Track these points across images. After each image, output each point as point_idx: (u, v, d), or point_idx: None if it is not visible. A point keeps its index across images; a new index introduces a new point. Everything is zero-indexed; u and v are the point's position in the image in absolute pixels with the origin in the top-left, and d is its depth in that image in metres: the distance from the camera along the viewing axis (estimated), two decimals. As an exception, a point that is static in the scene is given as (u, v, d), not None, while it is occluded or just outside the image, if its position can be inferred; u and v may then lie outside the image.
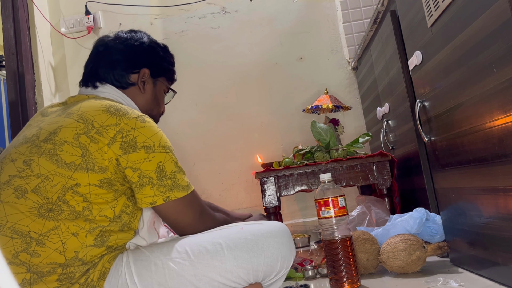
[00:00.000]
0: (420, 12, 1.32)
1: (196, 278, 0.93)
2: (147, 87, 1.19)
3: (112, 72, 1.15)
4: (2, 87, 2.95)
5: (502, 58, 0.92)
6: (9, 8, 2.53)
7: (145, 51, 1.19)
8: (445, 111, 1.24)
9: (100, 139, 0.96)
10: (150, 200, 0.99)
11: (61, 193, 0.92)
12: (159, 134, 1.03)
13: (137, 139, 0.98)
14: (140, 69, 1.17)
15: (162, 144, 1.02)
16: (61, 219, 0.91)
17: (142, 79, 1.17)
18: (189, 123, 2.81)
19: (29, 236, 0.90)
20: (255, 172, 1.98)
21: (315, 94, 2.68)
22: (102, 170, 0.95)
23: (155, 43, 1.23)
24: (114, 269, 0.94)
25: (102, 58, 1.17)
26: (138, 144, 0.98)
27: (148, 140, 1.00)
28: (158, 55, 1.22)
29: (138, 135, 0.99)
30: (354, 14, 2.73)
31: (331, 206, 1.30)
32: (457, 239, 1.32)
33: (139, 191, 0.99)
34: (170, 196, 1.00)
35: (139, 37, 1.20)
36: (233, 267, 0.95)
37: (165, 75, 1.26)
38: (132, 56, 1.17)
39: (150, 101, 1.21)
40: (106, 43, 1.19)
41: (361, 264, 1.40)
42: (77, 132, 0.96)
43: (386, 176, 1.93)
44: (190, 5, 2.86)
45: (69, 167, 0.93)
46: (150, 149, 0.99)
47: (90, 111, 1.00)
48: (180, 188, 1.02)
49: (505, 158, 0.95)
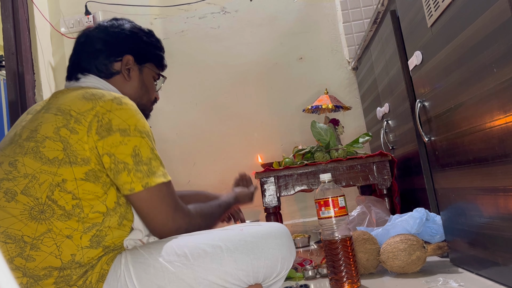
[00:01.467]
0: (420, 12, 1.32)
1: (195, 281, 0.92)
2: (133, 74, 1.15)
3: (94, 62, 1.11)
4: (2, 87, 2.94)
5: (502, 58, 0.92)
6: (9, 8, 2.53)
7: (127, 37, 1.14)
8: (445, 111, 1.24)
9: (79, 128, 0.93)
10: (129, 187, 0.94)
11: (49, 191, 0.90)
12: (136, 117, 0.98)
13: (112, 122, 0.94)
14: (123, 56, 1.13)
15: (139, 128, 0.97)
16: (53, 221, 0.89)
17: (126, 66, 1.13)
18: (189, 123, 2.81)
19: (23, 240, 0.88)
20: (255, 172, 1.98)
21: (315, 94, 2.68)
22: (85, 161, 0.92)
23: (137, 29, 1.18)
24: (112, 271, 0.92)
25: (83, 49, 1.13)
26: (113, 127, 0.94)
27: (123, 122, 0.95)
28: (142, 40, 1.17)
29: (113, 117, 0.94)
30: (354, 14, 2.73)
31: (331, 206, 1.30)
32: (457, 239, 1.32)
33: (116, 178, 0.94)
34: (149, 183, 0.94)
35: (119, 24, 1.16)
36: (233, 270, 0.94)
37: (153, 61, 1.21)
38: (113, 43, 1.13)
39: (138, 88, 1.16)
40: (87, 33, 1.15)
41: (361, 264, 1.40)
42: (56, 126, 0.93)
43: (386, 176, 1.93)
44: (190, 5, 2.86)
45: (52, 163, 0.91)
46: (125, 132, 0.94)
47: (67, 102, 0.97)
48: (157, 175, 0.96)
49: (505, 158, 0.95)
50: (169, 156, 2.74)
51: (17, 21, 2.53)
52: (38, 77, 2.63)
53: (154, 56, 1.21)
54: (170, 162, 2.74)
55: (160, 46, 1.24)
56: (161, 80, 1.26)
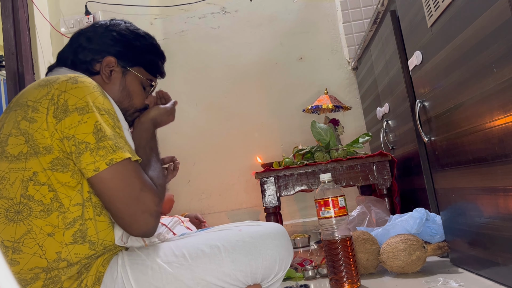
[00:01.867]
0: (420, 12, 1.32)
1: (194, 282, 0.92)
2: (115, 76, 1.08)
3: (73, 56, 1.07)
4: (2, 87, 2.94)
5: (502, 58, 0.92)
6: (9, 8, 2.53)
7: (113, 39, 1.09)
8: (445, 111, 1.24)
9: (38, 116, 0.88)
10: (93, 167, 0.86)
11: (22, 189, 0.87)
12: (94, 94, 0.91)
13: (68, 102, 0.88)
14: (104, 57, 1.07)
15: (97, 105, 0.90)
16: (32, 219, 0.86)
17: (106, 68, 1.07)
18: (189, 123, 2.81)
19: (3, 245, 0.85)
20: (255, 172, 1.98)
21: (315, 94, 2.68)
22: (48, 150, 0.87)
23: (129, 31, 1.12)
24: (109, 273, 0.90)
25: (70, 44, 1.10)
26: (69, 107, 0.88)
27: (80, 101, 0.89)
28: (130, 44, 1.10)
29: (69, 97, 0.89)
30: (354, 14, 2.73)
31: (331, 206, 1.30)
32: (457, 239, 1.32)
33: (78, 161, 0.87)
34: (115, 158, 0.87)
35: (112, 24, 1.12)
36: (231, 271, 0.94)
37: (142, 65, 1.13)
38: (97, 43, 1.08)
39: (118, 92, 1.09)
40: (80, 30, 1.12)
41: (361, 264, 1.40)
42: (16, 120, 0.90)
43: (386, 176, 1.93)
44: (190, 5, 2.86)
45: (19, 159, 0.88)
46: (83, 110, 0.88)
47: (24, 94, 0.94)
48: (124, 150, 0.89)
49: (505, 158, 0.95)
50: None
51: (17, 21, 2.53)
52: (38, 77, 2.62)
53: (145, 60, 1.13)
54: (170, 162, 2.74)
55: (154, 50, 1.16)
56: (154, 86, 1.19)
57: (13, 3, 2.54)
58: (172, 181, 1.11)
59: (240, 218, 2.66)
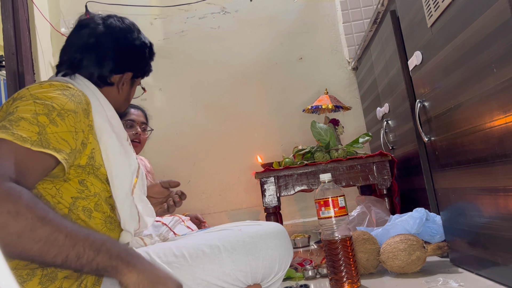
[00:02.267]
0: (420, 12, 1.32)
1: (194, 282, 0.92)
2: (125, 88, 1.13)
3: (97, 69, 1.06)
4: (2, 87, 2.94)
5: (502, 58, 0.92)
6: (9, 8, 2.53)
7: (134, 55, 1.13)
8: (445, 111, 1.24)
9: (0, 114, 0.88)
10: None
11: None
12: (48, 91, 0.88)
13: (20, 93, 0.88)
14: (124, 72, 1.10)
15: (37, 96, 0.86)
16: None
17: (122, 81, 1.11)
18: (189, 123, 2.81)
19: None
20: (255, 172, 1.98)
21: (315, 94, 2.68)
22: None
23: (143, 44, 1.15)
24: None
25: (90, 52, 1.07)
26: (14, 96, 0.87)
27: (27, 92, 0.88)
28: (145, 58, 1.16)
29: (23, 90, 0.88)
30: (354, 14, 2.73)
31: (331, 206, 1.30)
32: (457, 239, 1.32)
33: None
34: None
35: (131, 37, 1.13)
36: (231, 270, 0.94)
37: (144, 75, 1.19)
38: (121, 58, 1.10)
39: (123, 101, 1.14)
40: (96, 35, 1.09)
41: (361, 264, 1.40)
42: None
43: (386, 176, 1.94)
44: (190, 5, 2.86)
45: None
46: (21, 99, 0.86)
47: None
48: (10, 132, 0.78)
49: (505, 158, 0.95)
50: (169, 156, 2.75)
51: (17, 21, 2.53)
52: (38, 77, 2.62)
53: (148, 72, 1.20)
54: (170, 162, 2.74)
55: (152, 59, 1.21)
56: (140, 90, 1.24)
57: (13, 3, 2.54)
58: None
59: (240, 218, 2.66)
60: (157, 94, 2.82)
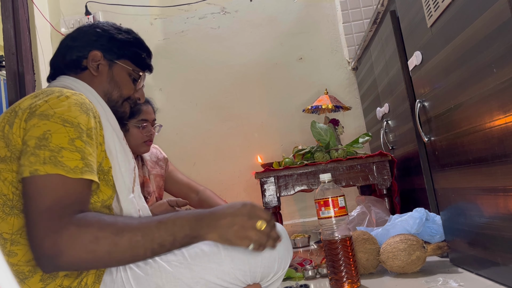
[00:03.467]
0: (420, 12, 1.32)
1: (193, 281, 0.92)
2: (102, 69, 1.13)
3: (64, 59, 1.12)
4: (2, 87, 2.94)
5: (501, 58, 0.92)
6: (9, 8, 2.53)
7: (96, 34, 1.14)
8: (445, 111, 1.24)
9: (16, 121, 0.90)
10: (21, 170, 0.83)
11: (12, 188, 0.88)
12: (70, 108, 0.89)
13: (39, 108, 0.89)
14: (89, 52, 1.12)
15: (64, 117, 0.87)
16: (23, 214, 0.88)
17: (93, 62, 1.12)
18: (189, 123, 2.81)
19: (2, 237, 0.87)
20: (255, 172, 1.98)
21: (315, 94, 2.68)
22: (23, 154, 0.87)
23: (111, 27, 1.18)
24: (108, 272, 0.91)
25: (58, 49, 1.15)
26: (36, 112, 0.88)
27: (50, 109, 0.88)
28: (112, 37, 1.15)
29: (43, 105, 0.89)
30: (354, 14, 2.73)
31: (331, 206, 1.30)
32: (457, 239, 1.32)
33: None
34: (39, 170, 0.81)
35: (94, 23, 1.18)
36: (230, 269, 0.94)
37: (128, 58, 1.17)
38: (82, 40, 1.13)
39: (106, 83, 1.13)
40: (65, 35, 1.18)
41: (361, 264, 1.40)
42: (3, 124, 0.92)
43: (386, 176, 1.94)
44: (190, 5, 2.87)
45: (5, 161, 0.89)
46: (45, 117, 0.87)
47: (21, 100, 0.96)
48: (59, 165, 0.82)
49: (505, 158, 0.95)
50: (169, 156, 2.74)
51: (17, 21, 2.53)
52: (38, 77, 2.63)
53: (131, 53, 1.18)
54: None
55: (138, 44, 1.21)
56: (142, 78, 1.22)
57: (13, 3, 2.54)
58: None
59: (240, 218, 2.65)
60: (157, 94, 2.82)
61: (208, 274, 0.92)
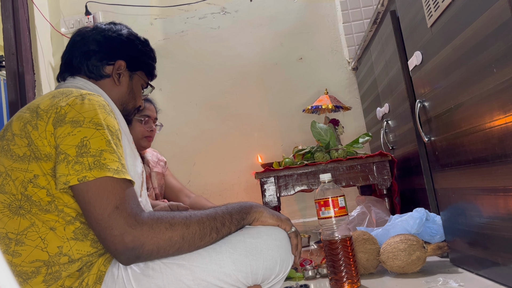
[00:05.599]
0: (420, 12, 1.32)
1: (194, 283, 0.92)
2: (123, 79, 1.14)
3: (86, 62, 1.11)
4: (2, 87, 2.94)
5: (501, 58, 0.92)
6: (9, 9, 2.53)
7: (123, 43, 1.15)
8: (445, 111, 1.24)
9: (40, 124, 0.91)
10: (64, 180, 0.85)
11: (22, 188, 0.89)
12: (96, 111, 0.92)
13: (67, 114, 0.90)
14: (116, 61, 1.13)
15: (95, 121, 0.90)
16: (34, 213, 0.89)
17: (117, 71, 1.13)
18: (189, 123, 2.81)
19: (7, 237, 0.88)
20: (255, 172, 1.98)
21: (315, 94, 2.68)
22: (48, 157, 0.89)
23: (134, 36, 1.19)
24: (110, 273, 0.91)
25: (77, 48, 1.13)
26: (66, 119, 0.89)
27: (78, 114, 0.90)
28: (136, 48, 1.17)
29: (71, 110, 0.91)
30: (354, 14, 2.73)
31: (331, 206, 1.30)
32: (457, 239, 1.32)
33: (56, 171, 0.87)
34: (88, 177, 0.84)
35: (117, 29, 1.16)
36: (231, 271, 0.94)
37: (144, 69, 1.21)
38: (108, 47, 1.13)
39: (125, 94, 1.15)
40: (83, 33, 1.15)
41: (361, 264, 1.40)
42: (23, 122, 0.93)
43: (386, 176, 1.93)
44: (190, 5, 2.86)
45: (22, 160, 0.90)
46: (77, 123, 0.89)
47: (38, 100, 0.97)
48: (105, 168, 0.86)
49: (505, 158, 0.95)
50: (169, 156, 2.74)
51: (17, 21, 2.53)
52: (38, 77, 2.63)
53: (146, 65, 1.21)
54: (170, 162, 2.74)
55: (153, 57, 1.24)
56: (149, 89, 1.26)
57: (13, 3, 2.54)
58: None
59: (240, 218, 2.65)
60: (157, 94, 2.81)
61: (210, 276, 0.92)
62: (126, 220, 0.85)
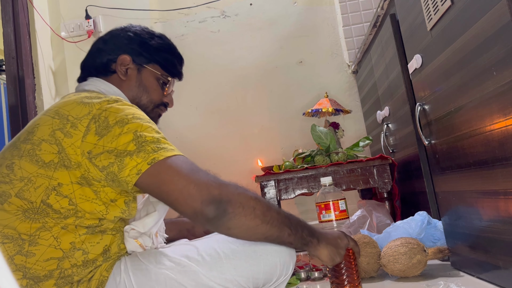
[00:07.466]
0: (420, 15, 1.33)
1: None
2: (131, 73, 1.14)
3: (94, 62, 1.13)
4: (2, 91, 2.95)
5: (501, 61, 0.92)
6: (10, 12, 2.53)
7: (127, 38, 1.15)
8: (445, 114, 1.24)
9: (75, 132, 0.91)
10: (136, 171, 0.87)
11: (44, 195, 0.89)
12: (133, 109, 0.96)
13: (109, 118, 0.92)
14: (119, 56, 1.13)
15: (136, 115, 0.94)
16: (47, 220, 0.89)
17: (122, 66, 1.13)
18: (189, 127, 2.81)
19: (20, 238, 0.88)
20: (255, 176, 1.98)
21: (315, 98, 2.68)
22: (78, 166, 0.90)
23: (144, 32, 1.18)
24: (112, 278, 0.91)
25: (89, 52, 1.18)
26: (110, 122, 0.91)
27: (120, 114, 0.92)
28: (143, 42, 1.16)
29: (109, 114, 0.92)
30: (354, 17, 2.73)
31: (332, 209, 1.30)
32: (458, 242, 1.31)
33: (121, 170, 0.88)
34: (157, 157, 0.88)
35: (127, 27, 1.18)
36: (232, 276, 0.94)
37: (157, 62, 1.19)
38: (112, 43, 1.15)
39: (135, 88, 1.14)
40: (98, 37, 1.20)
41: (362, 267, 1.40)
42: (53, 128, 0.92)
43: (387, 179, 1.93)
44: (190, 9, 2.87)
45: (48, 167, 0.90)
46: (123, 122, 0.91)
47: (66, 106, 0.96)
48: (169, 149, 0.91)
49: (506, 161, 0.95)
50: (169, 160, 2.75)
51: (17, 25, 2.53)
52: (39, 81, 2.63)
53: (161, 58, 1.20)
54: (170, 166, 2.74)
55: (169, 50, 1.24)
56: (171, 83, 1.26)
57: (13, 7, 2.54)
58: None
59: (241, 222, 2.64)
60: (157, 97, 2.82)
61: (211, 281, 0.92)
62: (211, 178, 0.92)
